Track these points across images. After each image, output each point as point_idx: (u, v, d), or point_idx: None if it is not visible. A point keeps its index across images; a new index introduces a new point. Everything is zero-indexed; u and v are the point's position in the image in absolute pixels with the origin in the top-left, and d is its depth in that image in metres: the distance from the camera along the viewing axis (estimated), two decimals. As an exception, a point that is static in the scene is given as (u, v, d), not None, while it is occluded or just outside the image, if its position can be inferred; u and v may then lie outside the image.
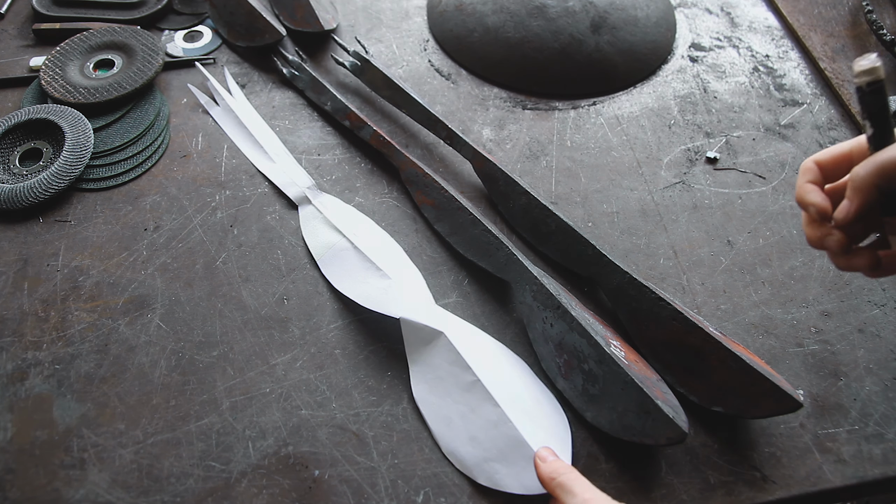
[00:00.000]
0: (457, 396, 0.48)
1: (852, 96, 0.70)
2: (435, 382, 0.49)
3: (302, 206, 0.61)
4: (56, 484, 0.46)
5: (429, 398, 0.49)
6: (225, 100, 0.69)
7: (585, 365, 0.47)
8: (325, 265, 0.56)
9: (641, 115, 0.70)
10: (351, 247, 0.56)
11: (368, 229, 0.59)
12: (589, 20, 0.72)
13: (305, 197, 0.61)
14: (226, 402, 0.50)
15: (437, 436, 0.48)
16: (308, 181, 0.62)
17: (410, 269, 0.55)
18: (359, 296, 0.53)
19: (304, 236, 0.59)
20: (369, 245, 0.56)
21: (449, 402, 0.48)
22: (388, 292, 0.52)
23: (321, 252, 0.57)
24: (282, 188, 0.62)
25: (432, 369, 0.49)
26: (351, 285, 0.54)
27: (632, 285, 0.52)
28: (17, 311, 0.54)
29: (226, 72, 0.72)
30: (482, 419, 0.46)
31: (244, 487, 0.46)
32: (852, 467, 0.47)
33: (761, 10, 0.81)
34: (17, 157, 0.63)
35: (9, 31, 0.76)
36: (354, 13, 0.79)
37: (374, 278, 0.54)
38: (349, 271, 0.55)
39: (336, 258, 0.56)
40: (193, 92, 0.70)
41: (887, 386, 0.51)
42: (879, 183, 0.36)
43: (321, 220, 0.59)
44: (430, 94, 0.71)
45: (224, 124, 0.67)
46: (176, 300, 0.55)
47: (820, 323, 0.54)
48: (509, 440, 0.45)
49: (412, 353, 0.51)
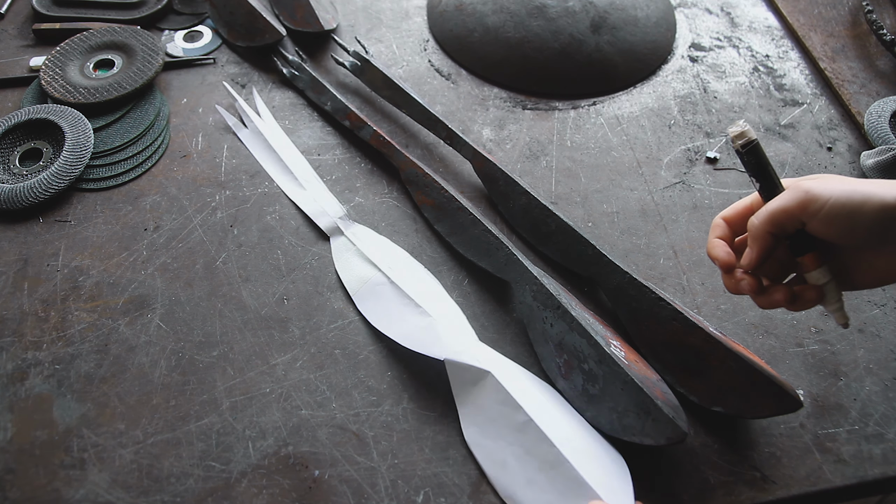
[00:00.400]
0: (510, 438, 0.46)
1: (852, 96, 0.70)
2: (486, 425, 0.47)
3: (334, 238, 0.59)
4: (56, 484, 0.46)
5: (482, 441, 0.47)
6: (254, 122, 0.67)
7: (585, 365, 0.47)
8: (360, 301, 0.54)
9: (641, 115, 0.70)
10: (387, 282, 0.54)
11: (404, 262, 0.57)
12: (589, 20, 0.72)
13: (337, 228, 0.59)
14: (226, 402, 0.50)
15: (493, 480, 0.45)
16: (340, 210, 0.60)
17: (450, 305, 0.53)
18: (398, 335, 0.51)
19: (338, 269, 0.57)
20: (406, 280, 0.54)
21: (503, 444, 0.46)
22: (430, 331, 0.50)
23: (356, 287, 0.55)
24: (313, 217, 0.60)
25: (482, 411, 0.47)
26: (389, 324, 0.52)
27: (632, 285, 0.52)
28: (17, 311, 0.54)
29: (254, 92, 0.70)
30: (538, 460, 0.44)
31: (244, 487, 0.46)
32: (852, 467, 0.47)
33: (761, 10, 0.81)
34: (17, 157, 0.64)
35: (9, 31, 0.76)
36: (354, 13, 0.79)
37: (414, 316, 0.51)
38: (387, 308, 0.53)
39: (372, 294, 0.54)
40: (221, 113, 0.68)
41: (887, 386, 0.51)
42: (772, 230, 0.40)
43: (354, 252, 0.57)
44: (430, 94, 0.71)
45: (253, 148, 0.65)
46: (176, 300, 0.55)
47: (820, 323, 0.54)
48: (568, 481, 0.43)
49: (459, 394, 0.49)
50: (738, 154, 0.42)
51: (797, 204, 0.39)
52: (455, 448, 0.48)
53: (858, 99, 0.70)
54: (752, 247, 0.41)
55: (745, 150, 0.41)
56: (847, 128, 0.68)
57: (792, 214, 0.39)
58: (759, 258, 0.41)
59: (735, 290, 0.43)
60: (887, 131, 0.65)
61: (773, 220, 0.40)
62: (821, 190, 0.39)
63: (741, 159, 0.42)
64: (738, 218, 0.44)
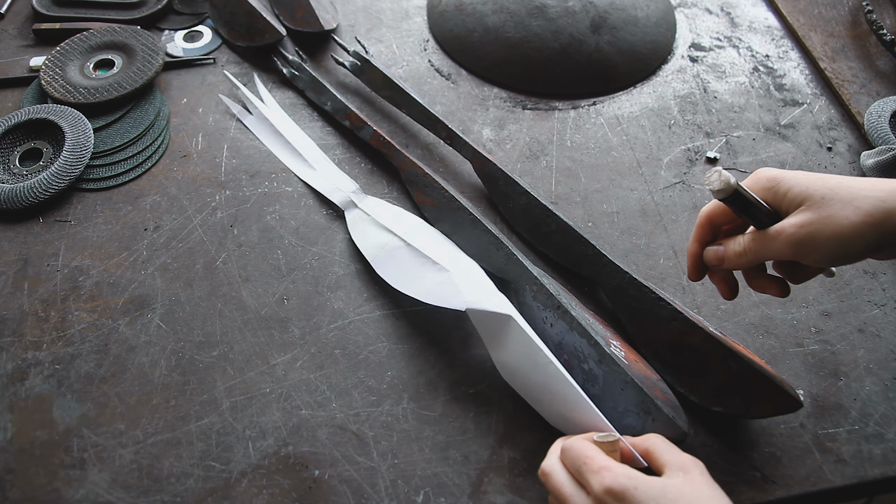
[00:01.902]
0: (536, 379, 0.47)
1: (852, 96, 0.70)
2: (516, 364, 0.48)
3: (348, 211, 0.60)
4: (56, 484, 0.46)
5: (515, 379, 0.49)
6: (259, 108, 0.68)
7: (585, 365, 0.47)
8: (379, 266, 0.55)
9: (641, 115, 0.70)
10: (404, 244, 0.55)
11: (419, 226, 0.58)
12: (589, 20, 0.72)
13: (351, 201, 0.60)
14: (226, 402, 0.50)
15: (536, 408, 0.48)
16: (352, 185, 0.61)
17: (466, 261, 0.54)
18: (418, 292, 0.52)
19: (355, 240, 0.58)
20: (422, 241, 0.55)
21: (532, 384, 0.47)
22: (448, 285, 0.51)
23: (374, 253, 0.56)
24: (326, 194, 0.61)
25: (509, 353, 0.48)
26: (408, 283, 0.53)
27: (632, 285, 0.52)
28: (17, 311, 0.54)
29: (256, 78, 0.71)
30: (561, 400, 0.46)
31: (244, 487, 0.46)
32: (852, 467, 0.47)
33: (761, 10, 0.81)
34: (17, 157, 0.63)
35: (9, 31, 0.76)
36: (354, 13, 0.79)
37: (432, 273, 0.52)
38: (405, 270, 0.54)
39: (390, 257, 0.55)
40: (225, 102, 0.69)
41: (887, 386, 0.51)
42: (761, 261, 0.43)
43: (369, 221, 0.58)
44: (430, 94, 0.71)
45: (259, 133, 0.66)
46: (176, 300, 0.55)
47: (820, 323, 0.54)
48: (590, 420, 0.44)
49: (488, 339, 0.49)
50: (726, 202, 0.42)
51: (761, 188, 0.42)
52: (455, 448, 0.48)
53: (858, 99, 0.70)
54: (741, 265, 0.44)
55: (727, 199, 0.41)
56: (847, 128, 0.68)
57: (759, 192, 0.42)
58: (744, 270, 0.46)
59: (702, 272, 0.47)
60: (887, 131, 0.65)
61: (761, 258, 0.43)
62: (787, 176, 0.41)
63: (731, 206, 0.42)
64: (723, 214, 0.45)
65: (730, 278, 0.46)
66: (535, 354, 0.46)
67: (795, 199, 0.40)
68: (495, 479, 0.47)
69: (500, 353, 0.49)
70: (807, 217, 0.39)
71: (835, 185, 0.39)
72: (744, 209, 0.42)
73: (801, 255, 0.40)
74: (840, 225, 0.38)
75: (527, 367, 0.47)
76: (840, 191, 0.39)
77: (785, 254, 0.41)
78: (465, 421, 0.49)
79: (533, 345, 0.46)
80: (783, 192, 0.41)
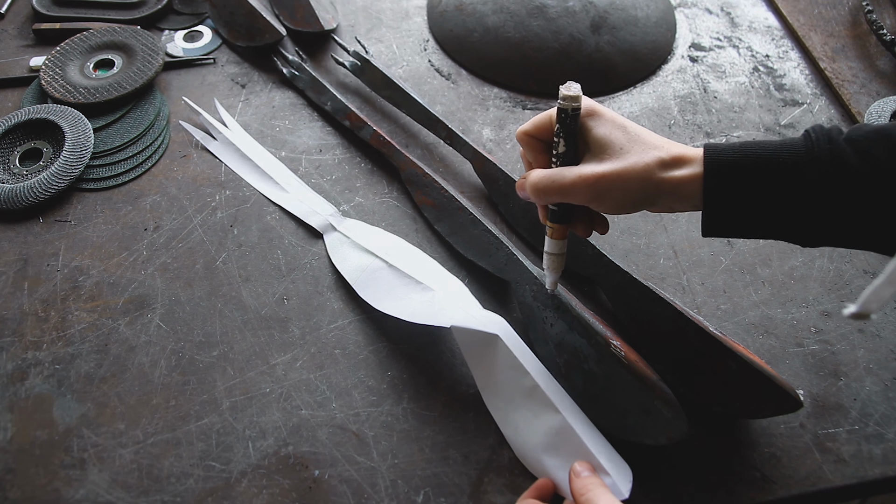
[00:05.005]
0: (519, 402, 0.47)
1: (852, 96, 0.70)
2: (499, 387, 0.48)
3: (327, 234, 0.59)
4: (56, 484, 0.46)
5: (496, 403, 0.48)
6: (223, 133, 0.65)
7: (585, 365, 0.47)
8: (361, 288, 0.54)
9: (641, 115, 0.70)
10: (385, 266, 0.54)
11: (401, 246, 0.57)
12: (589, 20, 0.72)
13: (330, 224, 0.59)
14: (226, 402, 0.50)
15: (509, 440, 0.47)
16: (330, 209, 0.60)
17: (450, 279, 0.53)
18: (403, 312, 0.50)
19: (335, 263, 0.57)
20: (404, 261, 0.54)
21: (512, 407, 0.47)
22: (433, 304, 0.50)
23: (355, 276, 0.55)
24: (303, 218, 0.60)
25: (493, 373, 0.48)
26: (392, 303, 0.52)
27: (632, 285, 0.52)
28: (17, 311, 0.54)
29: (216, 103, 0.68)
30: (545, 425, 0.45)
31: (244, 487, 0.46)
32: (852, 467, 0.47)
33: (761, 10, 0.81)
34: (17, 157, 0.63)
35: (9, 31, 0.76)
36: (354, 13, 0.79)
37: (416, 292, 0.52)
38: (388, 291, 0.53)
39: (372, 279, 0.54)
40: (187, 129, 0.66)
41: (887, 386, 0.51)
42: (559, 201, 0.44)
43: (349, 244, 0.57)
44: (430, 94, 0.71)
45: (226, 159, 0.64)
46: (176, 300, 0.55)
47: (820, 323, 0.54)
48: (573, 448, 0.44)
49: (470, 357, 0.49)
50: (562, 114, 0.42)
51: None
52: (455, 448, 0.48)
53: (858, 99, 0.70)
54: (535, 199, 0.45)
55: (574, 113, 0.42)
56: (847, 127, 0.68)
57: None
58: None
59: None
60: (887, 131, 0.65)
61: (561, 193, 0.43)
62: (599, 111, 0.43)
63: (562, 121, 0.43)
64: (540, 130, 0.45)
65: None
66: (522, 377, 0.46)
67: (598, 140, 0.42)
68: (495, 479, 0.47)
69: (484, 373, 0.48)
70: (607, 167, 0.41)
71: (634, 135, 0.42)
72: (570, 131, 0.43)
73: (594, 202, 0.42)
74: (631, 178, 0.41)
75: (511, 388, 0.47)
76: (636, 144, 0.42)
77: (581, 198, 0.42)
78: (465, 421, 0.49)
79: (520, 366, 0.46)
80: (589, 127, 0.43)
